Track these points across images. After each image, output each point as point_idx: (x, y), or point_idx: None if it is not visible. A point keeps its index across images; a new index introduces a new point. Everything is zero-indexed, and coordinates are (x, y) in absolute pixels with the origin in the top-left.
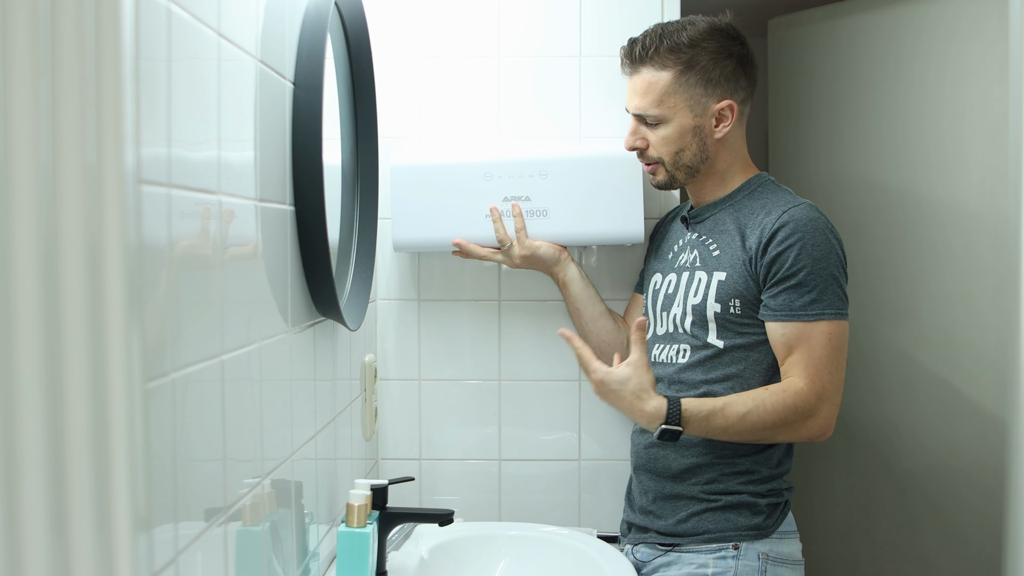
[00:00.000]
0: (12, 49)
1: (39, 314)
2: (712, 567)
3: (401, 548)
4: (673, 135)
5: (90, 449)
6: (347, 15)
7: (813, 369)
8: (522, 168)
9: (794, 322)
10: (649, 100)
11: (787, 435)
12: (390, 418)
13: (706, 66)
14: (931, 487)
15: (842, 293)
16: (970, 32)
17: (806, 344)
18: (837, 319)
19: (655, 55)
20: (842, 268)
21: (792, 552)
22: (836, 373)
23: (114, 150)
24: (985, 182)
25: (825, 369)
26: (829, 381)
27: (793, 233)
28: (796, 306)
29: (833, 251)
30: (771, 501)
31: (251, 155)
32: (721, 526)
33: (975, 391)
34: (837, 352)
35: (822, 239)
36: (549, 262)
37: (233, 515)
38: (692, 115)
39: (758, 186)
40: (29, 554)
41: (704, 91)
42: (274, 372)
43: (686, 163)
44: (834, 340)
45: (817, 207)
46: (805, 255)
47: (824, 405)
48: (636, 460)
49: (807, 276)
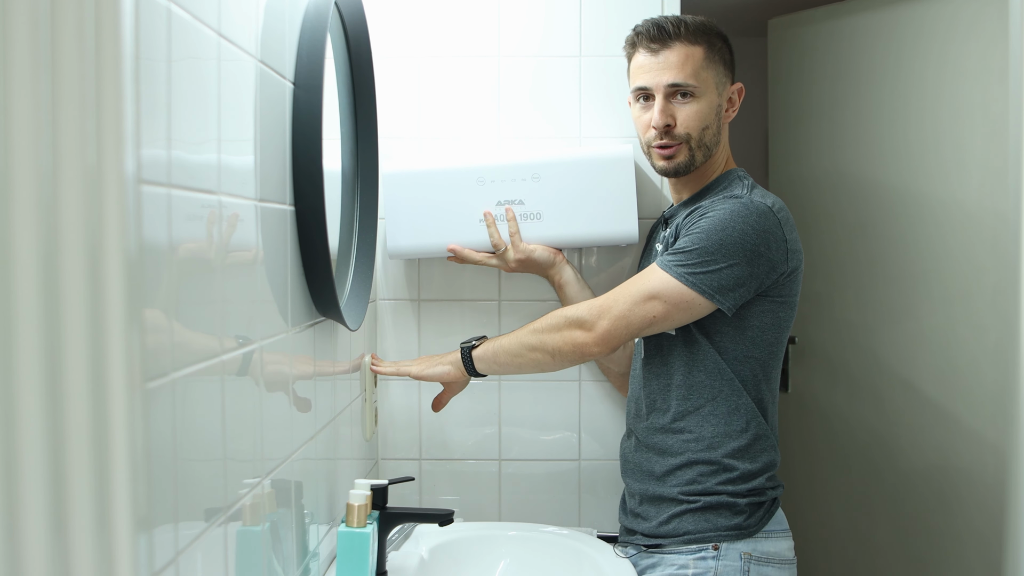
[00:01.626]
0: (12, 49)
1: (39, 314)
2: (693, 568)
3: (401, 548)
4: (705, 110)
5: (90, 449)
6: (347, 15)
7: (611, 294)
8: (515, 172)
9: (651, 264)
10: (688, 71)
11: (555, 337)
12: (390, 418)
13: (721, 48)
14: (929, 487)
15: (710, 270)
16: (970, 32)
17: (635, 279)
18: (672, 277)
19: (686, 31)
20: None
21: (779, 551)
22: (623, 307)
23: (114, 149)
24: (984, 182)
25: (616, 299)
26: (611, 308)
27: (707, 210)
28: (659, 256)
29: (732, 233)
30: (753, 500)
31: (251, 155)
32: (700, 527)
33: (973, 392)
34: (641, 296)
35: (727, 219)
36: (544, 265)
37: (233, 515)
38: (717, 93)
39: (725, 181)
40: (29, 554)
41: (724, 71)
42: (274, 372)
43: (707, 143)
44: (646, 287)
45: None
46: (703, 223)
47: (590, 320)
48: (624, 465)
49: (686, 237)
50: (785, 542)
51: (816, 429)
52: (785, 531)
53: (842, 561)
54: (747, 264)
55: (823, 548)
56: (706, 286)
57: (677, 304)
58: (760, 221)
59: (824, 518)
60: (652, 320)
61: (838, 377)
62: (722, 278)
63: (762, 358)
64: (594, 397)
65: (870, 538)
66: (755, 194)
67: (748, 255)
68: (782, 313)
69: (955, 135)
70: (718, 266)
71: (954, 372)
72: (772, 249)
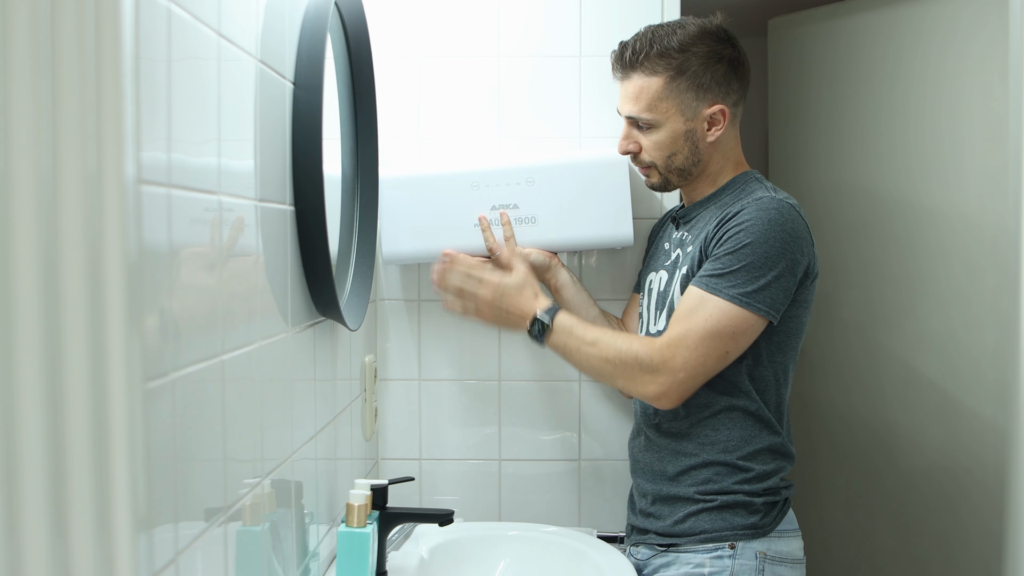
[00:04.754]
0: (12, 49)
1: (39, 314)
2: (709, 567)
3: (401, 548)
4: (665, 140)
5: (90, 449)
6: (347, 15)
7: (677, 337)
8: (509, 176)
9: (697, 287)
10: (641, 105)
11: (625, 382)
12: (390, 418)
13: (697, 71)
14: (930, 488)
15: (761, 285)
16: (970, 32)
17: (692, 313)
18: (733, 304)
19: (645, 60)
20: (781, 265)
21: (792, 551)
22: (696, 354)
23: (114, 149)
24: (983, 184)
25: (687, 344)
26: (683, 356)
27: (742, 217)
28: (705, 274)
29: (774, 243)
30: (768, 500)
31: (251, 155)
32: (717, 526)
33: (973, 392)
34: (710, 337)
35: (766, 228)
36: (540, 269)
37: (233, 515)
38: (684, 119)
39: (743, 184)
40: (29, 554)
41: (695, 96)
42: (274, 372)
43: (678, 166)
44: (712, 322)
45: (795, 206)
46: (742, 235)
47: (664, 374)
48: (633, 465)
49: (729, 253)
50: (796, 542)
51: (817, 429)
52: (796, 531)
53: (844, 561)
54: (790, 273)
55: (825, 548)
56: (763, 304)
57: (745, 331)
58: (794, 226)
59: (826, 518)
60: (726, 355)
61: (839, 378)
62: (773, 293)
63: (783, 362)
64: (594, 397)
65: (872, 538)
66: (780, 195)
67: (790, 263)
68: (804, 317)
69: (955, 135)
70: (767, 280)
71: (954, 372)
72: (805, 252)
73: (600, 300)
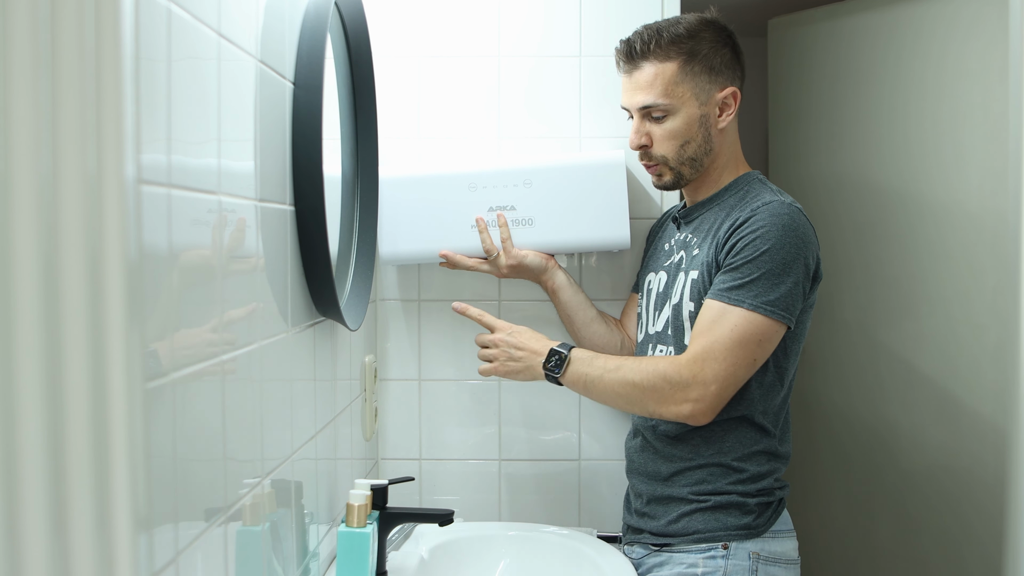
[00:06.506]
0: (12, 49)
1: (39, 314)
2: (702, 567)
3: (401, 548)
4: (680, 127)
5: (90, 449)
6: (347, 15)
7: (703, 350)
8: (506, 178)
9: (716, 300)
10: (657, 91)
11: (655, 404)
12: (390, 418)
13: (708, 54)
14: (930, 487)
15: (781, 292)
16: (970, 32)
17: (714, 325)
18: (756, 313)
19: (657, 48)
20: (797, 270)
21: (786, 551)
22: (726, 364)
23: (114, 150)
24: (984, 182)
25: (715, 356)
26: (713, 369)
27: (755, 224)
28: (724, 287)
29: (789, 249)
30: (762, 500)
31: (251, 155)
32: (710, 526)
33: (974, 391)
34: (737, 346)
35: (781, 234)
36: (536, 271)
37: (233, 515)
38: (698, 103)
39: (745, 185)
40: (29, 554)
41: (708, 79)
42: (274, 372)
43: (691, 156)
44: (738, 332)
45: (802, 210)
46: (757, 243)
47: (696, 388)
48: (629, 465)
49: (747, 263)
50: (791, 542)
51: (817, 429)
52: (791, 531)
53: (844, 561)
54: (804, 278)
55: (825, 548)
56: (785, 311)
57: (771, 338)
58: (805, 230)
59: (826, 518)
60: (754, 363)
61: (839, 377)
62: (792, 299)
63: (787, 366)
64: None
65: (871, 538)
66: (786, 198)
67: (804, 267)
68: (807, 321)
69: (955, 135)
70: (787, 287)
71: (954, 372)
72: (813, 256)
73: (600, 301)
